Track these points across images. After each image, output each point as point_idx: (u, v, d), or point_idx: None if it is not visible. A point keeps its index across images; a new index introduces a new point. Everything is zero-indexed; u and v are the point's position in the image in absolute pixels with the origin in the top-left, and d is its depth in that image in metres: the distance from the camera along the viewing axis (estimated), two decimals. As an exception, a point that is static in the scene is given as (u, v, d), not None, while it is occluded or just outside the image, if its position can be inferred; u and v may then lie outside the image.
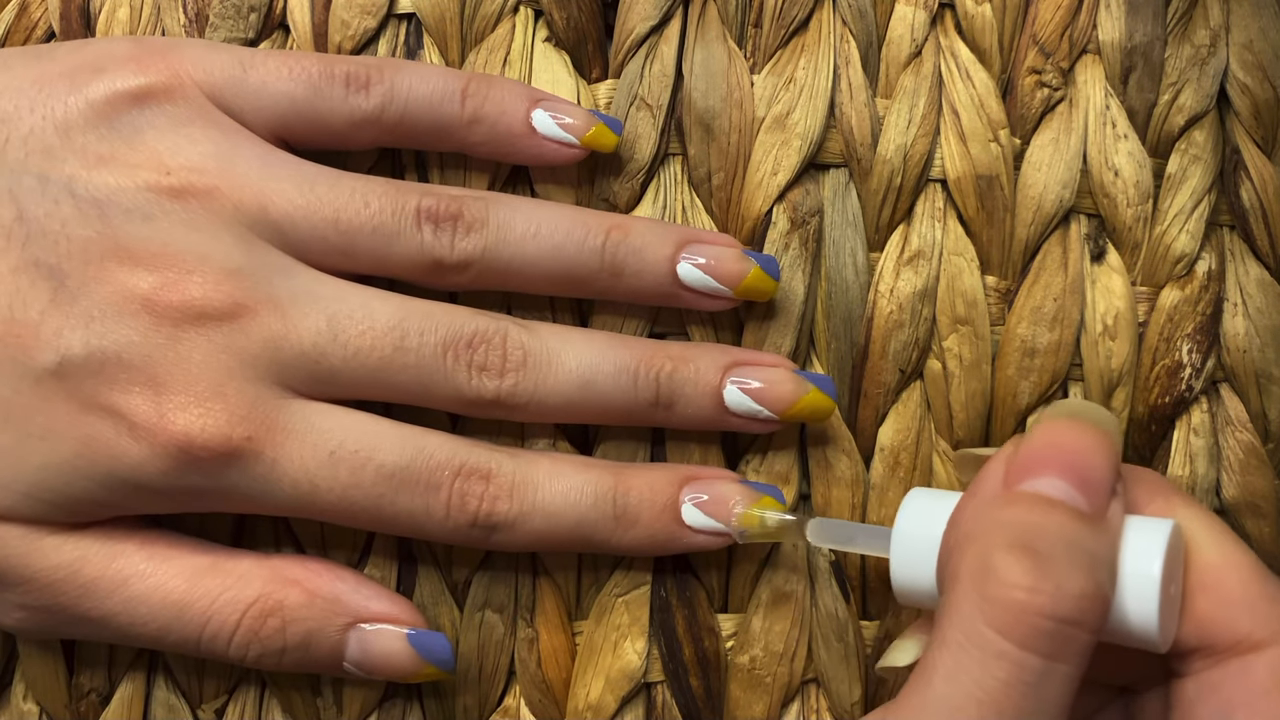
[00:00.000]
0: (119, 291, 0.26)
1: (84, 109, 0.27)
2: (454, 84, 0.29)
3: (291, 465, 0.26)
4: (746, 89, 0.30)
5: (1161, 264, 0.30)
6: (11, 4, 0.31)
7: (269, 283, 0.27)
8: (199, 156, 0.27)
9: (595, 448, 0.30)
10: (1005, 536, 0.22)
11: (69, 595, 0.27)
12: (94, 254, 0.26)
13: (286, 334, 0.26)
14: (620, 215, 0.29)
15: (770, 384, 0.28)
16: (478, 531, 0.27)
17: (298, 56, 0.28)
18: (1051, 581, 0.21)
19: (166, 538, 0.28)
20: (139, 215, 0.26)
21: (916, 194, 0.30)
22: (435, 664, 0.28)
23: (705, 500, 0.28)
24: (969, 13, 0.30)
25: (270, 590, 0.27)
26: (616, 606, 0.30)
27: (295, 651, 0.27)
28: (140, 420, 0.26)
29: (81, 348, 0.26)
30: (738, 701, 0.30)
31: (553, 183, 0.30)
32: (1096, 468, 0.23)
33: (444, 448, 0.27)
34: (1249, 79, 0.30)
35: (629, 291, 0.29)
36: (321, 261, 0.28)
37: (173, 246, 0.26)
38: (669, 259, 0.28)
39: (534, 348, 0.28)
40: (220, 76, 0.28)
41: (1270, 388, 0.30)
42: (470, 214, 0.28)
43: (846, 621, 0.30)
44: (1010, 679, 0.21)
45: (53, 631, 0.28)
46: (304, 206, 0.27)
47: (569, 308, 0.30)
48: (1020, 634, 0.21)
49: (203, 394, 0.26)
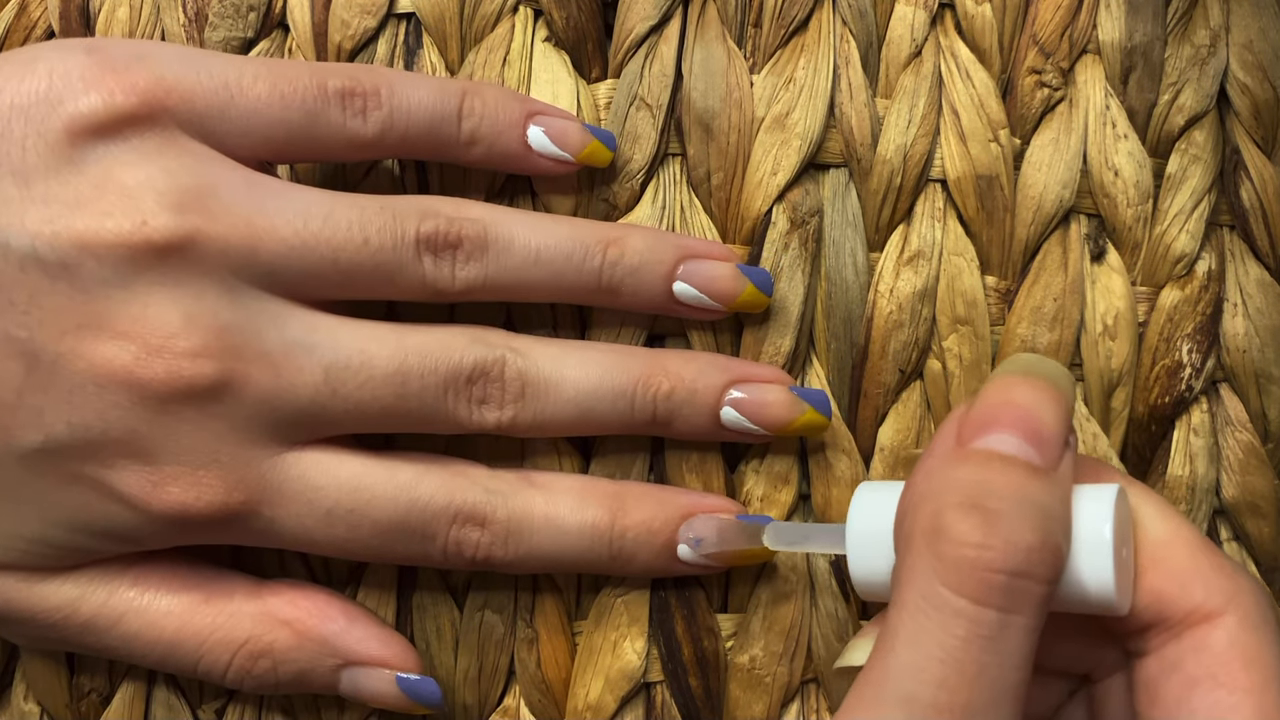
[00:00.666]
0: (98, 366, 0.25)
1: (44, 151, 0.24)
2: (450, 103, 0.28)
3: (289, 522, 0.27)
4: (746, 89, 0.30)
5: (1161, 264, 0.30)
6: (11, 3, 0.31)
7: (259, 337, 0.25)
8: (177, 194, 0.25)
9: (595, 453, 0.30)
10: (956, 495, 0.22)
11: (69, 631, 0.27)
12: (68, 325, 0.24)
13: (281, 393, 0.26)
14: (618, 228, 0.29)
15: (766, 405, 0.28)
16: (477, 567, 0.28)
17: (288, 75, 0.27)
18: (1000, 536, 0.21)
19: (160, 571, 0.28)
20: (114, 280, 0.24)
21: (916, 194, 0.30)
22: (424, 706, 0.28)
23: (701, 541, 0.28)
24: (969, 13, 0.30)
25: (260, 632, 0.27)
26: (616, 607, 0.30)
27: (289, 686, 0.28)
28: (132, 494, 0.25)
29: (65, 428, 0.25)
30: (737, 701, 0.30)
31: (553, 185, 0.30)
32: (1048, 422, 0.23)
33: (439, 494, 0.27)
34: (1249, 79, 0.30)
35: (626, 308, 0.29)
36: (316, 296, 0.27)
37: (152, 310, 0.25)
38: (665, 278, 0.28)
39: (532, 376, 0.28)
40: (203, 103, 0.26)
41: (1270, 388, 0.30)
42: (469, 240, 0.27)
43: (846, 621, 0.30)
44: (969, 635, 0.21)
45: (57, 649, 0.29)
46: (299, 247, 0.26)
47: (570, 309, 0.30)
48: (974, 590, 0.21)
49: (195, 464, 0.25)
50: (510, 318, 0.30)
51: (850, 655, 0.26)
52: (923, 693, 0.21)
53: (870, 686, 0.22)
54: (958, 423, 0.24)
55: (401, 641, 0.28)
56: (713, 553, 0.28)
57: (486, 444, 0.29)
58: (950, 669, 0.21)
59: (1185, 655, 0.23)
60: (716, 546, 0.28)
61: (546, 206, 0.30)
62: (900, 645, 0.21)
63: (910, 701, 0.21)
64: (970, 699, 0.21)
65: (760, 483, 0.30)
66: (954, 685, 0.21)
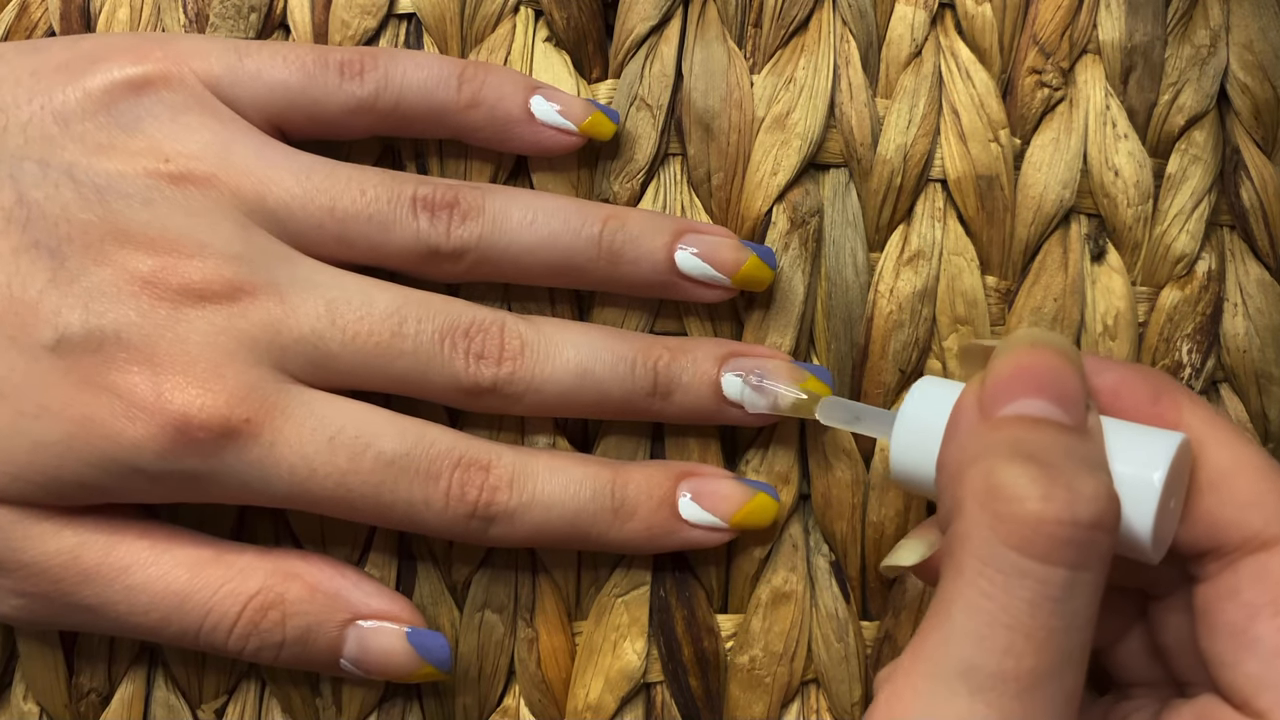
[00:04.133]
0: (119, 273, 0.26)
1: (82, 98, 0.27)
2: (450, 69, 0.29)
3: (290, 449, 0.26)
4: (746, 89, 0.30)
5: (1161, 264, 0.30)
6: (12, 4, 0.31)
7: (268, 269, 0.27)
8: (197, 145, 0.27)
9: (595, 445, 0.30)
10: (1005, 452, 0.21)
11: (68, 582, 0.27)
12: (94, 237, 0.26)
13: (285, 318, 0.27)
14: (618, 206, 0.29)
15: (767, 372, 0.28)
16: (476, 523, 0.27)
17: (293, 46, 0.29)
18: (1063, 486, 0.20)
19: (166, 528, 0.28)
20: (139, 200, 0.27)
21: (916, 194, 0.30)
22: (433, 663, 0.28)
23: (702, 495, 0.28)
24: (969, 13, 0.30)
25: (272, 583, 0.27)
26: (616, 606, 0.30)
27: (293, 646, 0.27)
28: (138, 399, 0.26)
29: (80, 326, 0.26)
30: (737, 702, 0.30)
31: (552, 179, 0.30)
32: (1068, 382, 0.22)
33: (444, 438, 0.27)
34: (1249, 79, 0.30)
35: (626, 280, 0.29)
36: (319, 250, 0.28)
37: (172, 231, 0.26)
38: (666, 246, 0.28)
39: (531, 337, 0.28)
40: (218, 65, 0.28)
41: (1270, 388, 0.30)
42: (466, 202, 0.28)
43: (846, 621, 0.30)
44: (1036, 597, 0.20)
45: (50, 621, 0.28)
46: (301, 195, 0.27)
47: (569, 302, 0.30)
48: (1041, 547, 0.20)
49: (201, 374, 0.26)
50: (509, 306, 0.30)
51: (899, 555, 0.25)
52: (986, 662, 0.20)
53: (924, 658, 0.21)
54: (975, 398, 0.23)
55: (409, 602, 0.28)
56: (763, 400, 0.28)
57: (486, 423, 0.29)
58: (1017, 634, 0.20)
59: (1244, 582, 0.22)
60: (768, 390, 0.28)
61: (547, 206, 0.30)
62: (958, 613, 0.20)
63: (973, 672, 0.20)
64: (1037, 665, 0.20)
65: (761, 480, 0.30)
66: (1021, 652, 0.20)
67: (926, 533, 0.26)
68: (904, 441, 0.25)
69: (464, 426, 0.29)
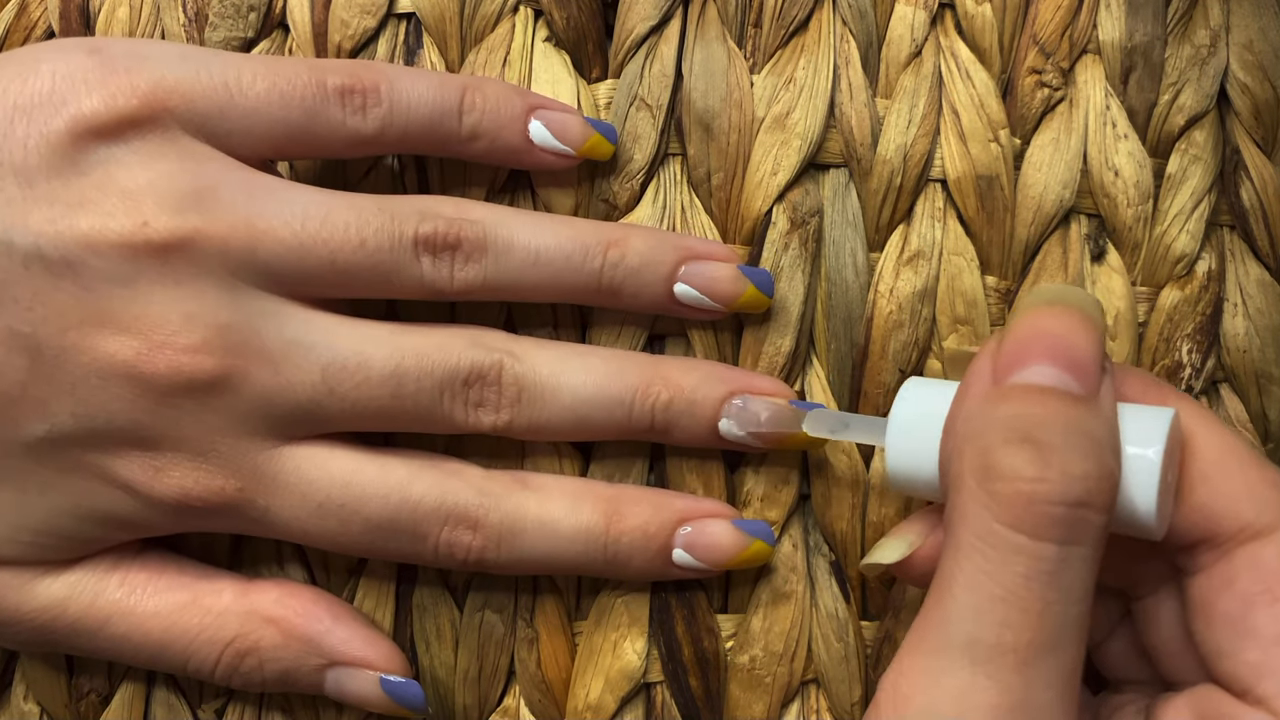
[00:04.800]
0: (101, 359, 0.25)
1: (46, 153, 0.25)
2: (451, 98, 0.28)
3: (283, 513, 0.27)
4: (746, 89, 0.30)
5: (1161, 264, 0.30)
6: (11, 3, 0.31)
7: (258, 336, 0.26)
8: (177, 196, 0.25)
9: (595, 455, 0.30)
10: (1003, 432, 0.22)
11: (58, 634, 0.28)
12: (71, 320, 0.25)
13: (280, 390, 0.26)
14: (619, 228, 0.29)
15: (768, 417, 0.28)
16: (470, 569, 0.28)
17: (287, 72, 0.27)
18: (1055, 468, 0.21)
19: (148, 570, 0.28)
20: (117, 278, 0.25)
21: (916, 194, 0.30)
22: (408, 709, 0.28)
23: (696, 546, 0.28)
24: (969, 13, 0.30)
25: (246, 630, 0.28)
26: (616, 607, 0.30)
27: (275, 684, 0.28)
28: (135, 481, 0.26)
29: (69, 419, 0.25)
30: (737, 702, 0.30)
31: (553, 184, 0.30)
32: (1082, 348, 0.23)
33: (430, 494, 0.27)
34: (1249, 79, 0.30)
35: (627, 309, 0.29)
36: (315, 294, 0.27)
37: (154, 308, 0.25)
38: (665, 279, 0.28)
39: (529, 381, 0.28)
40: (204, 104, 0.26)
41: (1270, 388, 0.30)
42: (468, 241, 0.27)
43: (846, 621, 0.30)
44: (1029, 571, 0.21)
45: (52, 652, 0.30)
46: (296, 248, 0.26)
47: (570, 309, 0.30)
48: (1032, 524, 0.21)
49: (195, 453, 0.26)
50: (510, 318, 0.30)
51: (879, 553, 0.25)
52: (986, 634, 0.20)
53: (928, 635, 0.21)
54: (991, 359, 0.23)
55: (387, 643, 0.29)
56: (759, 432, 0.28)
57: (486, 445, 0.29)
58: (1013, 608, 0.21)
59: (1239, 572, 0.22)
60: (763, 427, 0.28)
61: (547, 205, 0.30)
62: (958, 589, 0.21)
63: (973, 645, 0.21)
64: (1035, 637, 0.20)
65: (760, 483, 0.30)
66: (1018, 624, 0.20)
67: (906, 531, 0.26)
68: (898, 446, 0.25)
69: (464, 442, 0.29)
